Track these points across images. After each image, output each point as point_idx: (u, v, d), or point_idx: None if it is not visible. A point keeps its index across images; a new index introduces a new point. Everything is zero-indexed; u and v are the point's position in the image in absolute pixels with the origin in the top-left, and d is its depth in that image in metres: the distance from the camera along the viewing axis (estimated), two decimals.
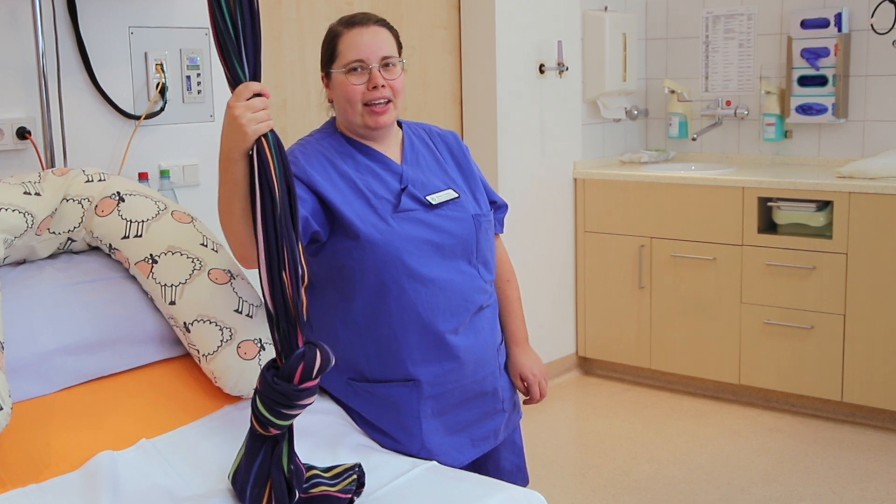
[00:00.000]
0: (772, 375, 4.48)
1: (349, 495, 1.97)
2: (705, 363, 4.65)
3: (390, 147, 2.42)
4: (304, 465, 2.02)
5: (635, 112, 5.21)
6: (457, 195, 2.41)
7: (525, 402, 2.66)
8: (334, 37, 2.34)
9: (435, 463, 2.24)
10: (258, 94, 1.92)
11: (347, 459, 2.19)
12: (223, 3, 1.84)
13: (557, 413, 4.59)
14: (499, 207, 2.60)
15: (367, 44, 2.30)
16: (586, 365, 5.09)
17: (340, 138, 2.39)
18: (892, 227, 4.09)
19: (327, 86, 2.38)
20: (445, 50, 4.49)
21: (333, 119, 2.45)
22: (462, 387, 2.41)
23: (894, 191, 4.08)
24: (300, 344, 1.91)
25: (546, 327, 4.87)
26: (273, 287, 1.88)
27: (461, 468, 2.40)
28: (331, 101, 2.42)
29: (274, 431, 1.91)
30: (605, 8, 4.99)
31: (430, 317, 2.31)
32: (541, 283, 4.80)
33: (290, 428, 1.95)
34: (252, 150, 1.91)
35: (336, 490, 1.96)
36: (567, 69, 4.77)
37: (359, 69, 2.29)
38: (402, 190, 2.33)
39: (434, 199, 2.36)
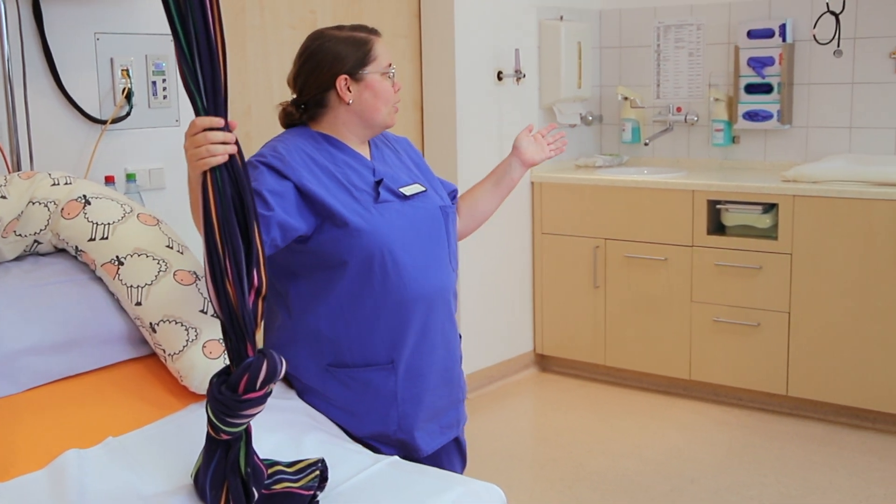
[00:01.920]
0: (721, 371, 4.51)
1: (311, 492, 1.95)
2: (657, 359, 4.67)
3: (359, 146, 2.45)
4: (266, 461, 1.99)
5: (590, 118, 5.23)
6: (424, 189, 2.47)
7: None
8: (366, 42, 2.37)
9: (396, 458, 2.23)
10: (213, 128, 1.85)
11: (311, 455, 2.18)
12: (182, 38, 1.78)
13: (516, 408, 4.60)
14: (454, 194, 2.67)
15: (390, 52, 2.44)
16: (544, 362, 5.10)
17: (316, 135, 2.40)
18: (835, 229, 4.13)
19: (347, 88, 2.35)
20: (406, 58, 4.48)
21: (304, 125, 2.43)
22: (434, 372, 2.45)
23: (836, 194, 4.12)
24: (249, 353, 1.87)
25: (504, 326, 4.87)
26: (219, 298, 1.84)
27: (429, 455, 2.46)
28: (346, 102, 2.36)
29: (225, 437, 1.88)
30: (561, 17, 5.00)
31: (410, 302, 2.35)
32: (499, 283, 4.81)
33: (248, 430, 1.91)
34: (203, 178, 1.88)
35: (299, 486, 1.94)
36: (524, 76, 4.77)
37: (391, 74, 2.40)
38: (379, 182, 2.37)
39: (406, 191, 2.41)
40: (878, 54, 4.54)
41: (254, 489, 1.90)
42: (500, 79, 4.68)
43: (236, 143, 1.86)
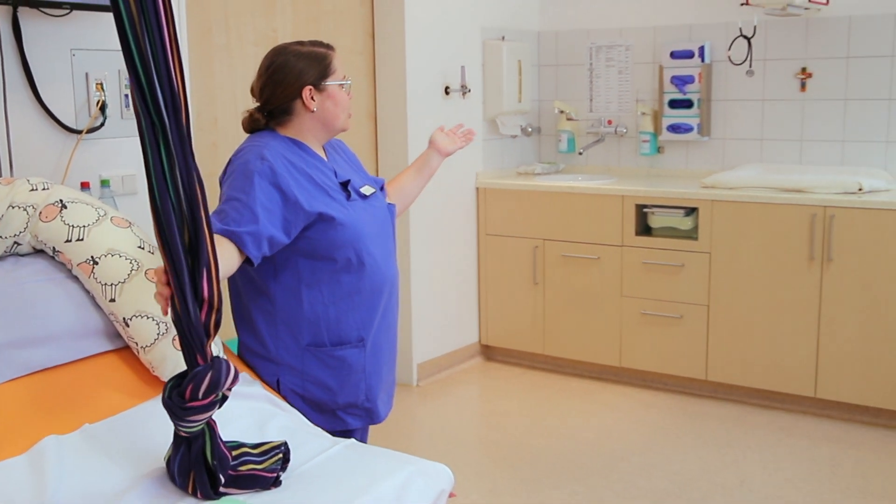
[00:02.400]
0: (647, 358, 4.55)
1: (274, 474, 1.94)
2: (591, 348, 4.70)
3: (319, 150, 2.51)
4: (232, 443, 1.98)
5: (529, 129, 5.24)
6: (374, 190, 2.55)
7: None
8: (326, 57, 2.43)
9: (353, 441, 2.22)
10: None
11: (275, 439, 2.17)
12: (139, 66, 1.69)
13: (462, 395, 4.60)
14: (383, 186, 2.70)
15: (344, 65, 2.52)
16: (488, 352, 5.11)
17: (286, 139, 2.43)
18: (748, 230, 4.19)
19: (311, 98, 2.40)
20: (361, 73, 4.46)
21: (271, 130, 2.46)
22: (388, 348, 2.61)
23: (749, 199, 4.17)
24: (199, 363, 1.84)
25: (452, 319, 4.88)
26: (172, 310, 1.82)
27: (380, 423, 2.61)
28: (311, 110, 2.42)
29: (184, 434, 1.85)
30: (503, 38, 5.01)
31: (378, 287, 2.48)
32: (447, 280, 4.81)
33: (212, 426, 1.88)
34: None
35: (262, 468, 1.93)
36: (469, 91, 4.78)
37: (345, 84, 2.47)
38: (346, 183, 2.45)
39: (364, 191, 2.50)
40: (786, 74, 4.61)
41: (220, 475, 1.88)
42: (447, 93, 4.69)
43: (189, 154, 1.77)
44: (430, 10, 4.54)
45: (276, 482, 1.95)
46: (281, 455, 1.97)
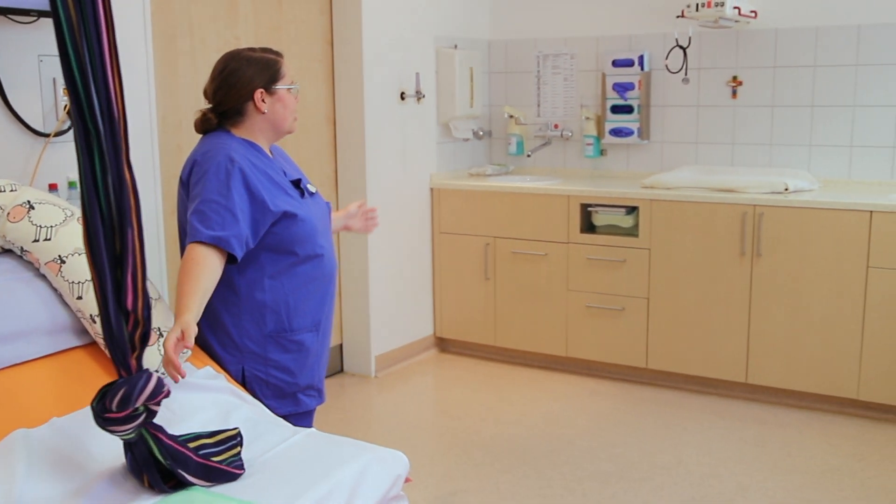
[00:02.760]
0: (592, 348, 4.57)
1: (242, 471, 1.90)
2: (539, 339, 4.71)
3: (267, 151, 2.53)
4: (188, 437, 1.93)
5: (481, 133, 5.24)
6: (316, 188, 2.62)
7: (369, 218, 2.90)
8: (276, 62, 2.47)
9: (313, 429, 2.21)
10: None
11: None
12: (75, 66, 1.62)
13: (418, 385, 4.58)
14: None
15: (292, 71, 2.56)
16: (442, 344, 5.10)
17: (243, 141, 2.46)
18: (685, 227, 4.22)
19: (262, 101, 2.44)
20: (320, 79, 4.42)
21: (226, 131, 2.47)
22: (330, 333, 2.66)
23: (686, 198, 4.21)
24: (122, 375, 1.76)
25: (408, 312, 4.86)
26: (101, 326, 1.75)
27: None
28: (262, 112, 2.45)
29: (121, 438, 1.79)
30: (455, 46, 5.00)
31: (329, 276, 2.55)
32: (403, 275, 4.79)
33: (153, 433, 1.80)
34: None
35: (222, 460, 1.89)
36: (424, 96, 4.76)
37: (293, 89, 2.51)
38: (297, 181, 2.50)
39: (311, 189, 2.57)
40: (718, 82, 4.65)
41: (180, 471, 1.82)
42: (402, 98, 4.66)
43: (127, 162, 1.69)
44: (386, 19, 4.51)
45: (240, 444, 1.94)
46: (239, 448, 1.93)
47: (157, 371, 2.29)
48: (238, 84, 2.41)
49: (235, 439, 1.94)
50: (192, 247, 2.24)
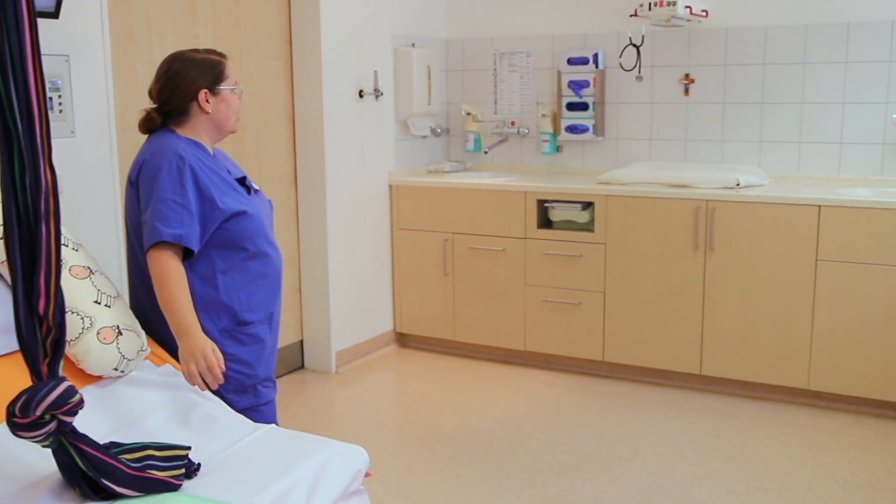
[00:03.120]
0: (550, 342, 4.60)
1: (180, 482, 1.86)
2: (498, 334, 4.73)
3: (211, 151, 2.56)
4: (135, 445, 1.89)
5: (439, 130, 5.25)
6: (258, 187, 2.64)
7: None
8: (220, 63, 2.50)
9: (273, 426, 2.20)
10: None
11: (198, 428, 2.13)
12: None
13: (378, 380, 4.59)
14: None
15: (236, 73, 2.58)
16: (402, 339, 5.10)
17: (189, 140, 2.47)
18: (639, 222, 4.27)
19: (207, 100, 2.46)
20: (279, 77, 4.40)
21: (171, 130, 2.49)
22: (279, 324, 2.67)
23: (640, 194, 4.25)
24: (33, 381, 1.71)
25: (368, 308, 4.86)
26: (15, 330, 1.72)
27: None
28: (206, 112, 2.48)
29: (41, 445, 1.73)
30: (413, 44, 5.00)
31: (278, 270, 2.58)
32: (363, 272, 4.78)
33: (73, 442, 1.75)
34: None
35: (167, 475, 1.85)
36: (382, 94, 4.76)
37: (237, 90, 2.53)
38: (242, 179, 2.53)
39: (255, 186, 2.60)
40: (671, 80, 4.71)
41: (104, 482, 1.76)
42: (361, 96, 4.66)
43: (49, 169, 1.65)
44: (345, 18, 4.50)
45: (190, 475, 1.89)
46: (183, 470, 1.88)
47: (116, 368, 2.27)
48: (182, 84, 2.44)
49: (183, 460, 1.89)
50: (161, 256, 2.29)
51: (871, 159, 4.31)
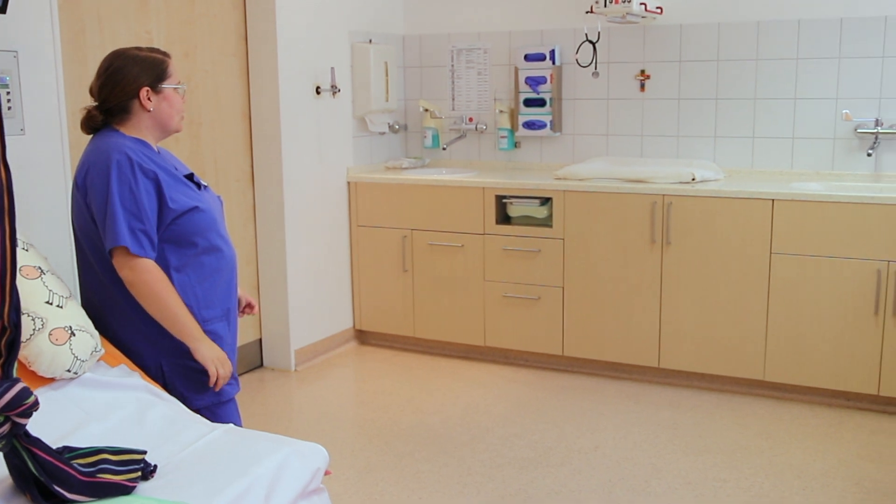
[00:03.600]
0: (509, 337, 4.60)
1: (135, 484, 1.82)
2: (457, 330, 4.73)
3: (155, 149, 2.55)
4: (89, 450, 1.85)
5: (396, 126, 5.23)
6: (206, 184, 2.63)
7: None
8: (163, 62, 2.48)
9: (231, 425, 2.17)
10: None
11: (155, 429, 2.09)
12: None
13: (338, 377, 4.56)
14: None
15: (178, 72, 2.56)
16: (362, 336, 5.08)
17: (138, 141, 2.45)
18: (597, 217, 4.29)
19: (148, 98, 2.44)
20: (235, 74, 4.34)
21: (114, 129, 2.47)
22: (236, 321, 2.64)
23: (597, 189, 4.27)
24: None
25: (327, 306, 4.83)
26: None
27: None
28: (147, 110, 2.46)
29: None
30: (370, 41, 4.98)
31: (232, 264, 2.56)
32: (322, 269, 4.75)
33: (26, 445, 1.72)
34: None
35: (122, 478, 1.81)
36: (339, 91, 4.72)
37: (180, 89, 2.51)
38: (190, 175, 2.52)
39: (203, 182, 2.59)
40: (627, 76, 4.74)
41: (56, 487, 1.73)
42: (318, 93, 4.62)
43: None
44: (300, 14, 4.46)
45: (146, 477, 1.86)
46: (139, 473, 1.85)
47: (69, 370, 2.22)
48: (123, 81, 2.43)
49: (139, 464, 1.86)
50: (135, 266, 2.31)
51: (822, 154, 4.38)
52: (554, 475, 3.34)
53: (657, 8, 4.49)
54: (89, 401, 2.17)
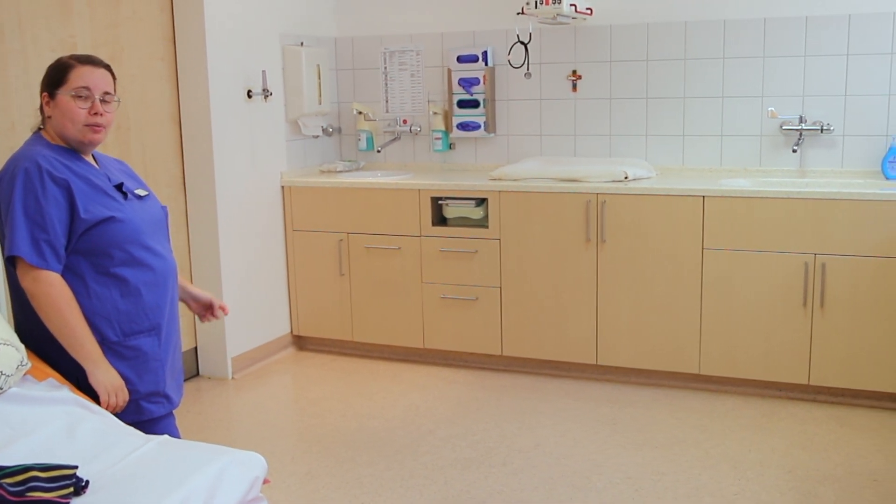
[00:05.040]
0: (448, 339, 4.60)
1: (67, 500, 1.76)
2: (396, 333, 4.70)
3: (89, 159, 2.46)
4: (17, 468, 1.79)
5: (330, 129, 5.19)
6: (147, 193, 2.54)
7: (205, 315, 2.79)
8: (66, 67, 2.37)
9: (166, 436, 2.12)
10: None
11: (86, 443, 2.03)
12: None
13: (277, 385, 4.50)
14: (165, 211, 2.70)
15: (94, 79, 2.38)
16: (300, 342, 5.02)
17: (59, 148, 2.38)
18: (532, 217, 4.31)
19: (47, 104, 2.38)
20: (163, 78, 4.25)
21: (39, 132, 2.43)
22: (175, 336, 2.57)
23: (532, 189, 4.29)
24: None
25: (264, 312, 4.76)
26: None
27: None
28: (48, 117, 2.40)
29: None
30: (302, 43, 4.93)
31: (162, 277, 2.46)
32: (257, 275, 4.68)
33: None
34: None
35: (54, 496, 1.75)
36: (271, 94, 4.67)
37: (84, 96, 2.36)
38: (120, 185, 2.43)
39: (139, 193, 2.50)
40: (559, 76, 4.78)
41: None
42: (249, 96, 4.55)
43: None
44: (230, 16, 4.39)
45: (78, 493, 1.79)
46: (71, 489, 1.79)
47: None
48: (40, 86, 2.41)
49: (70, 479, 1.80)
50: (38, 278, 2.25)
51: (749, 150, 4.47)
52: (496, 475, 3.34)
53: (587, 9, 4.54)
54: (16, 416, 2.09)
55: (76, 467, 1.84)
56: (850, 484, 3.19)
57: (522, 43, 4.64)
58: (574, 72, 4.72)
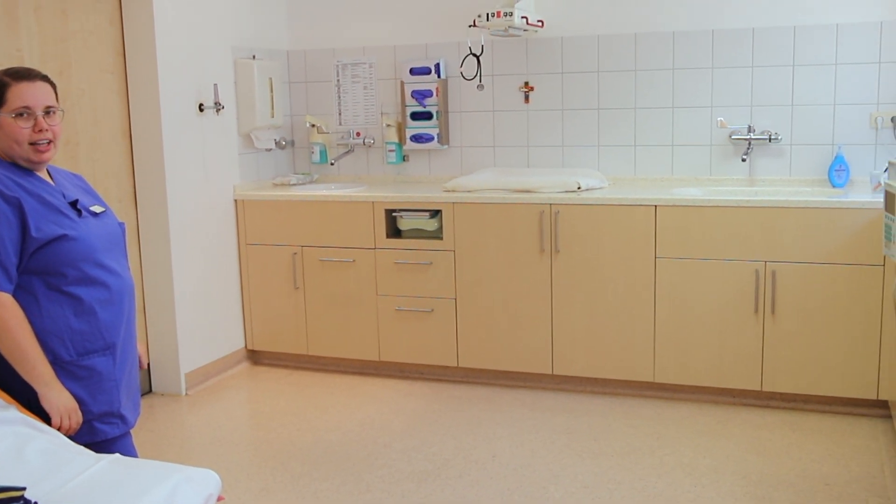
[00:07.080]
0: (404, 351, 4.60)
1: None
2: (351, 346, 4.69)
3: (43, 175, 2.42)
4: None
5: (283, 143, 5.17)
6: (104, 209, 2.49)
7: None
8: (2, 86, 2.29)
9: (118, 455, 2.09)
10: None
11: (35, 464, 1.99)
12: None
13: (231, 400, 4.45)
14: (123, 227, 2.66)
15: (34, 95, 2.31)
16: (255, 356, 4.98)
17: (10, 165, 2.34)
18: (486, 228, 4.33)
19: None
20: (113, 91, 4.21)
21: None
22: (132, 356, 2.51)
23: (486, 200, 4.32)
24: None
25: (218, 327, 4.72)
26: None
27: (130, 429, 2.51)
28: None
29: None
30: (254, 56, 4.91)
31: (117, 295, 2.40)
32: (210, 290, 4.64)
33: None
34: None
35: None
36: (223, 108, 4.64)
37: (25, 115, 2.30)
38: (74, 202, 2.37)
39: (94, 209, 2.44)
40: (511, 88, 4.82)
41: None
42: (201, 110, 4.52)
43: None
44: (181, 29, 4.36)
45: None
46: None
47: None
48: None
49: (18, 501, 1.75)
50: None
51: (700, 160, 4.54)
52: (452, 486, 3.34)
53: (538, 21, 4.59)
54: None
55: (24, 489, 1.81)
56: (804, 488, 3.25)
57: (475, 55, 4.68)
58: (526, 83, 4.76)
